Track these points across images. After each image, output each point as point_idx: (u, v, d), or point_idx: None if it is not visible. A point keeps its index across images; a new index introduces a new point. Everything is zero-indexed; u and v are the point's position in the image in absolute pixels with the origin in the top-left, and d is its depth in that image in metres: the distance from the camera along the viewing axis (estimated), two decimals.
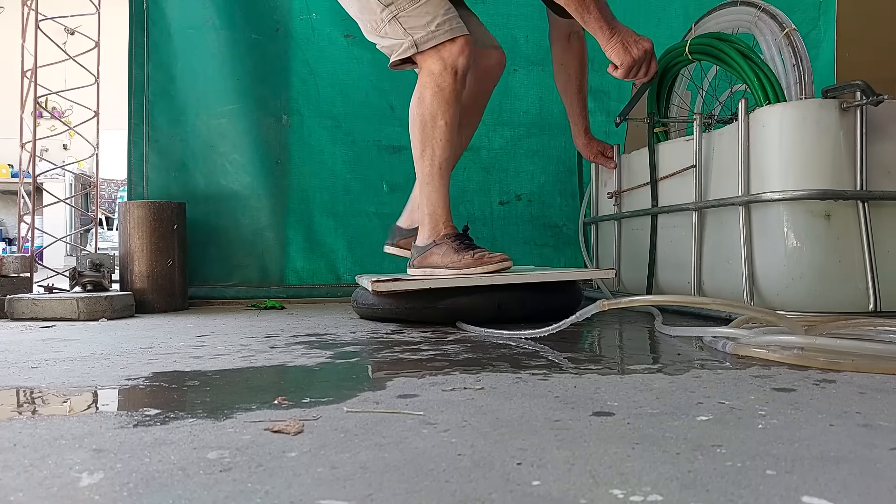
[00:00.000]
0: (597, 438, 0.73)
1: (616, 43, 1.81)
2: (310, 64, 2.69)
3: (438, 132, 1.83)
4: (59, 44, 2.48)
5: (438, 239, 1.86)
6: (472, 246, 1.83)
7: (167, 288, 2.33)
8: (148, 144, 2.56)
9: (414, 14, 1.80)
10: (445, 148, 1.84)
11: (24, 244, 2.78)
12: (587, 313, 1.38)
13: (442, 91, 1.80)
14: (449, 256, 1.81)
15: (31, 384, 1.07)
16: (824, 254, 1.67)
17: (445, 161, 1.86)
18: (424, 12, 1.80)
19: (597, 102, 2.91)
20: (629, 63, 1.81)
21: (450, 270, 1.79)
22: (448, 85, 1.80)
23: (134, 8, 2.54)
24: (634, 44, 1.81)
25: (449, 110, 1.82)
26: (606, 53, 1.83)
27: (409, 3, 1.80)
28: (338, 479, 0.61)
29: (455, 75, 1.80)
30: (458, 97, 1.83)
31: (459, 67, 1.80)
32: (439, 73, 1.80)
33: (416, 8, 1.80)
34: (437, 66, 1.80)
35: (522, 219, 2.92)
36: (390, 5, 1.82)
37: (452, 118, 1.83)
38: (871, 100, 1.63)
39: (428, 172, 1.87)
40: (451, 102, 1.81)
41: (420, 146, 1.87)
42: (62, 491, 0.59)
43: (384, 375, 1.11)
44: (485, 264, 1.76)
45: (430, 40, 1.80)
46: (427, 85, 1.83)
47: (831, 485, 0.59)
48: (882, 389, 0.95)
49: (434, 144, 1.84)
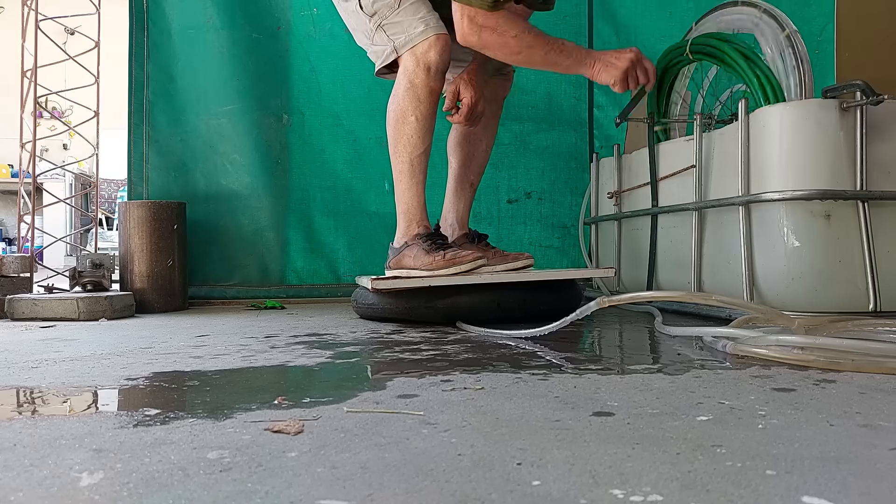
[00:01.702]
0: (597, 438, 0.73)
1: (598, 66, 1.82)
2: (311, 61, 2.68)
3: (409, 128, 1.83)
4: (59, 44, 2.48)
5: (410, 240, 1.85)
6: (445, 245, 1.83)
7: (167, 288, 2.33)
8: (148, 144, 2.56)
9: (395, 20, 1.83)
10: (417, 144, 1.84)
11: (24, 244, 2.78)
12: (587, 310, 1.38)
13: (413, 87, 1.81)
14: (420, 258, 1.80)
15: (31, 384, 1.07)
16: (824, 254, 1.67)
17: (418, 157, 1.85)
18: (403, 17, 1.82)
19: (608, 97, 2.91)
20: (620, 75, 1.81)
21: (423, 272, 1.79)
22: (420, 81, 1.80)
23: (134, 8, 2.54)
24: (616, 59, 1.82)
25: (420, 106, 1.81)
26: (598, 81, 1.85)
27: (389, 10, 1.83)
28: (338, 479, 0.61)
29: (428, 71, 1.79)
30: (431, 93, 1.82)
31: (431, 63, 1.79)
32: (412, 70, 1.81)
33: (396, 14, 1.82)
34: (411, 63, 1.81)
35: (531, 218, 2.88)
36: (374, 15, 1.85)
37: (424, 114, 1.82)
38: (871, 100, 1.63)
39: (400, 169, 1.87)
40: (423, 98, 1.81)
41: (393, 143, 1.87)
42: (62, 491, 0.59)
43: (384, 375, 1.11)
44: (457, 264, 1.75)
45: (408, 43, 1.81)
46: (400, 82, 1.84)
47: (831, 485, 0.59)
48: (882, 389, 0.95)
49: (406, 140, 1.84)
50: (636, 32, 2.92)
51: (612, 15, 2.93)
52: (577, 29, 2.91)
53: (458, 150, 2.10)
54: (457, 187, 2.11)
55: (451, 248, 1.83)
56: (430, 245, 1.81)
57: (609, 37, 2.92)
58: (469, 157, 2.11)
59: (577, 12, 2.91)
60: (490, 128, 2.13)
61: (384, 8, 1.83)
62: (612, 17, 2.92)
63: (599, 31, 2.93)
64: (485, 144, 2.13)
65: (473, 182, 2.13)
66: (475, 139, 2.10)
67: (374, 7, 1.84)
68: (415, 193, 1.87)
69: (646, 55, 1.86)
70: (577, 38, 2.90)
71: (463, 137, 2.10)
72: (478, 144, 2.11)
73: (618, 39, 2.91)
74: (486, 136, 2.12)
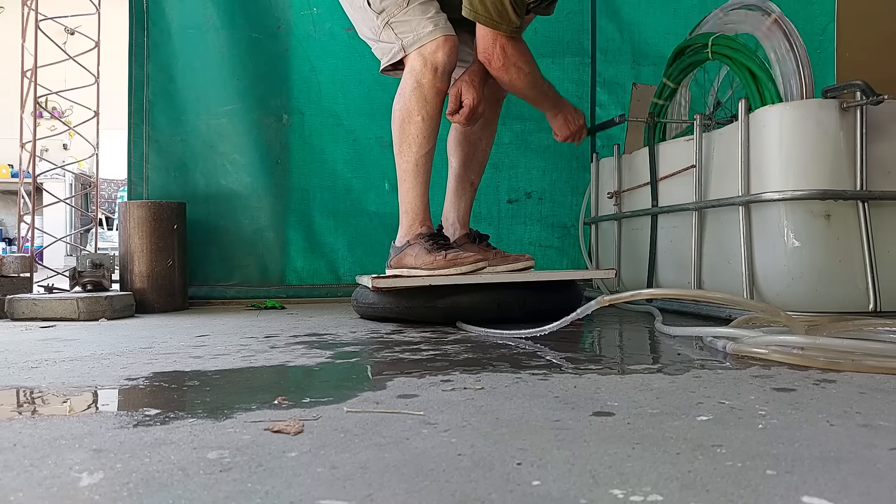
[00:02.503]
0: (597, 438, 0.73)
1: (560, 119, 2.06)
2: (311, 61, 2.68)
3: (415, 128, 1.83)
4: (59, 44, 2.48)
5: (413, 239, 1.86)
6: (447, 246, 1.83)
7: (167, 288, 2.33)
8: (148, 144, 2.56)
9: (403, 19, 1.83)
10: (423, 144, 1.84)
11: (24, 244, 2.78)
12: (588, 309, 1.38)
13: (420, 87, 1.81)
14: (422, 258, 1.81)
15: (31, 384, 1.07)
16: (824, 254, 1.67)
17: (423, 157, 1.86)
18: (411, 16, 1.83)
19: (610, 96, 2.91)
20: (567, 135, 2.09)
21: (423, 271, 1.79)
22: (427, 81, 1.81)
23: (134, 8, 2.54)
24: (573, 120, 2.07)
25: (427, 106, 1.82)
26: (551, 125, 2.11)
27: (398, 9, 1.83)
28: (338, 479, 0.61)
29: (435, 72, 1.80)
30: (437, 94, 1.83)
31: (439, 64, 1.80)
32: (419, 70, 1.81)
33: (405, 12, 1.83)
34: (418, 63, 1.82)
35: (532, 218, 2.88)
36: (382, 12, 1.85)
37: (430, 114, 1.83)
38: (871, 100, 1.63)
39: (405, 169, 1.87)
40: (430, 99, 1.82)
41: (398, 142, 1.88)
42: (62, 491, 0.59)
43: (384, 375, 1.10)
44: (458, 265, 1.75)
45: (416, 42, 1.82)
46: (407, 81, 1.85)
47: (831, 485, 0.59)
48: (882, 389, 0.95)
49: (411, 140, 1.85)
50: (639, 29, 2.91)
51: (615, 12, 2.92)
52: (579, 26, 2.89)
53: (458, 149, 2.11)
54: (457, 187, 2.11)
55: (452, 248, 1.83)
56: (431, 245, 1.81)
57: (612, 34, 2.91)
58: (469, 156, 2.11)
59: (580, 9, 2.90)
60: (489, 127, 2.14)
61: (392, 6, 1.83)
62: (615, 13, 2.92)
63: (602, 28, 2.91)
64: (484, 144, 2.13)
65: (474, 181, 2.13)
66: (475, 139, 2.11)
67: (382, 4, 1.84)
68: (418, 193, 1.87)
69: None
70: (579, 35, 2.89)
71: (463, 137, 2.10)
72: (478, 144, 2.12)
73: (621, 37, 2.90)
74: (485, 135, 2.12)
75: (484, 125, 2.09)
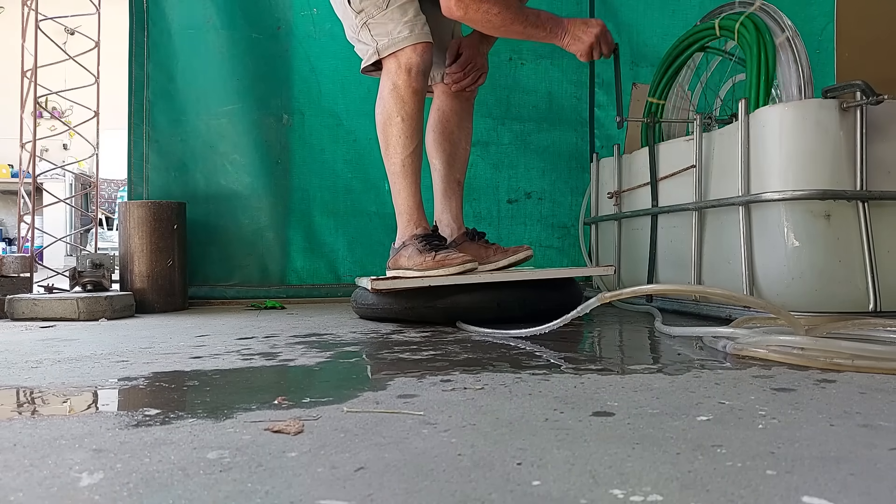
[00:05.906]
0: (597, 438, 0.73)
1: (568, 38, 1.90)
2: (311, 61, 2.68)
3: (396, 129, 1.85)
4: (59, 44, 2.48)
5: (408, 240, 1.87)
6: (439, 247, 1.83)
7: (167, 288, 2.33)
8: (148, 144, 2.56)
9: (381, 21, 1.84)
10: (406, 144, 1.85)
11: (24, 244, 2.78)
12: (588, 307, 1.38)
13: (396, 88, 1.83)
14: (414, 259, 1.81)
15: (31, 384, 1.07)
16: (824, 254, 1.67)
17: (408, 157, 1.86)
18: (389, 19, 1.84)
19: (609, 96, 2.90)
20: (585, 49, 1.90)
21: (415, 272, 1.79)
22: (402, 82, 1.82)
23: (134, 8, 2.54)
24: (583, 33, 1.89)
25: (405, 107, 1.83)
26: (567, 49, 1.93)
27: (376, 10, 1.84)
28: (338, 479, 0.61)
29: (409, 72, 1.82)
30: (414, 94, 1.83)
31: (413, 66, 1.82)
32: (394, 72, 1.83)
33: (383, 14, 1.84)
34: (393, 66, 1.84)
35: (531, 218, 2.88)
36: (361, 12, 1.86)
37: (409, 114, 1.84)
38: (871, 100, 1.63)
39: (393, 171, 1.89)
40: (407, 99, 1.83)
41: (384, 145, 1.89)
42: (62, 491, 0.59)
43: (384, 375, 1.11)
44: (446, 266, 1.75)
45: (391, 46, 1.83)
46: (384, 83, 1.86)
47: (831, 485, 0.59)
48: (882, 389, 0.95)
49: (395, 142, 1.86)
50: (638, 31, 2.91)
51: (614, 13, 2.92)
52: None
53: (439, 150, 2.12)
54: (445, 188, 2.12)
55: (444, 248, 1.83)
56: (423, 245, 1.82)
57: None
58: (452, 156, 2.12)
59: (579, 10, 2.90)
60: (465, 127, 2.16)
61: (371, 7, 1.84)
62: (613, 15, 2.92)
63: None
64: (464, 142, 2.16)
65: (460, 180, 2.15)
66: (454, 138, 2.12)
67: (361, 4, 1.85)
68: (409, 193, 1.88)
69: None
70: None
71: (442, 137, 2.11)
72: (458, 143, 2.13)
73: (619, 38, 2.90)
74: (462, 134, 2.15)
75: (459, 123, 2.12)
